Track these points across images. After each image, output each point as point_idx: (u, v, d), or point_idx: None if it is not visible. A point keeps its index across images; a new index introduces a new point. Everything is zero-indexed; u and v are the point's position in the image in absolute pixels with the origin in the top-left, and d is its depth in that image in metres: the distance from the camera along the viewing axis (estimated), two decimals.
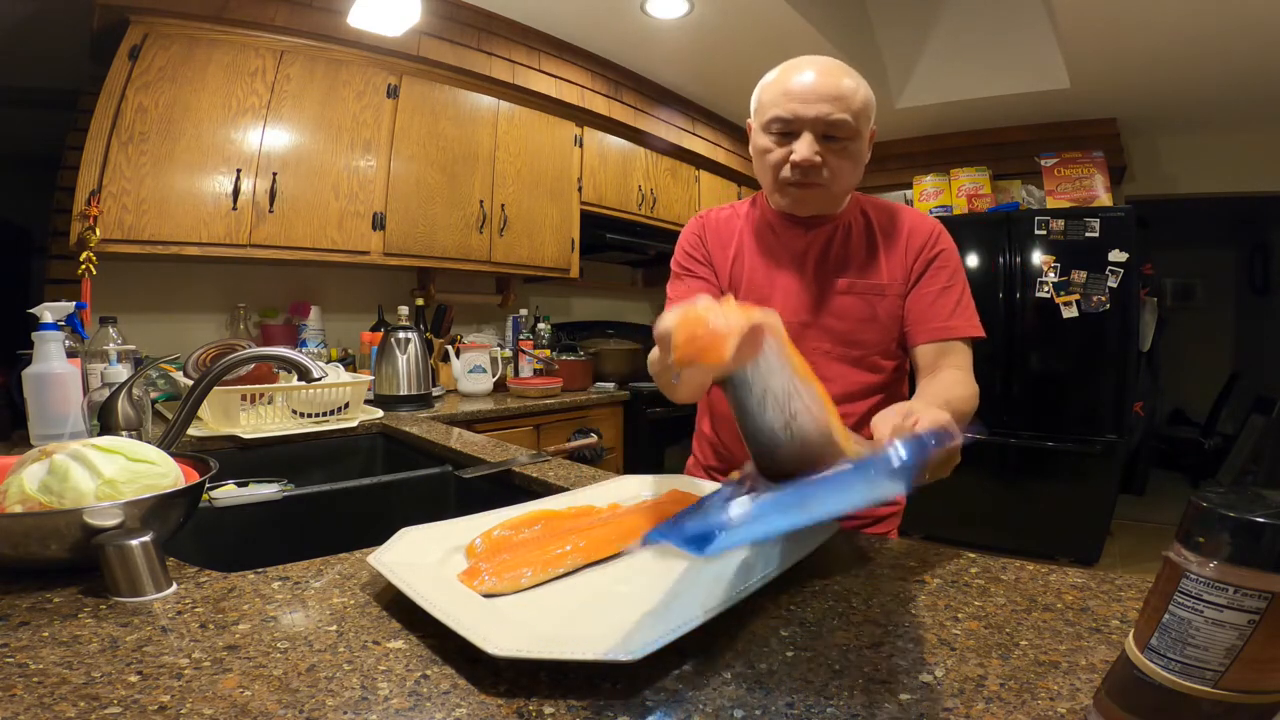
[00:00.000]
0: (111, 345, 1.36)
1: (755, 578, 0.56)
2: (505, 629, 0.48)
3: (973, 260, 3.22)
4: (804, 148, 0.93)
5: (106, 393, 1.07)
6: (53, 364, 1.07)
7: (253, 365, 1.37)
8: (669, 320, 0.56)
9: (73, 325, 1.34)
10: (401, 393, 1.97)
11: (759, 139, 1.00)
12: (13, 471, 0.64)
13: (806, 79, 0.93)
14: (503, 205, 2.55)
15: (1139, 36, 2.54)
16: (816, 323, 1.02)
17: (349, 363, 2.30)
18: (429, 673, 0.45)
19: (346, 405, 1.58)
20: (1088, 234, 3.02)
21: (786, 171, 0.96)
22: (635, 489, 0.88)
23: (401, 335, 1.99)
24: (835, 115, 0.91)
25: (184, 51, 1.82)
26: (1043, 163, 3.34)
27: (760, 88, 1.00)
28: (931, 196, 3.63)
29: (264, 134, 1.94)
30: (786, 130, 0.95)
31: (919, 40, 3.19)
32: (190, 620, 0.52)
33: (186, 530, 0.71)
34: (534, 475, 1.06)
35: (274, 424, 1.44)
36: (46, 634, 0.49)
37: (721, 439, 1.11)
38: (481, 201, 2.48)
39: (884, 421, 0.69)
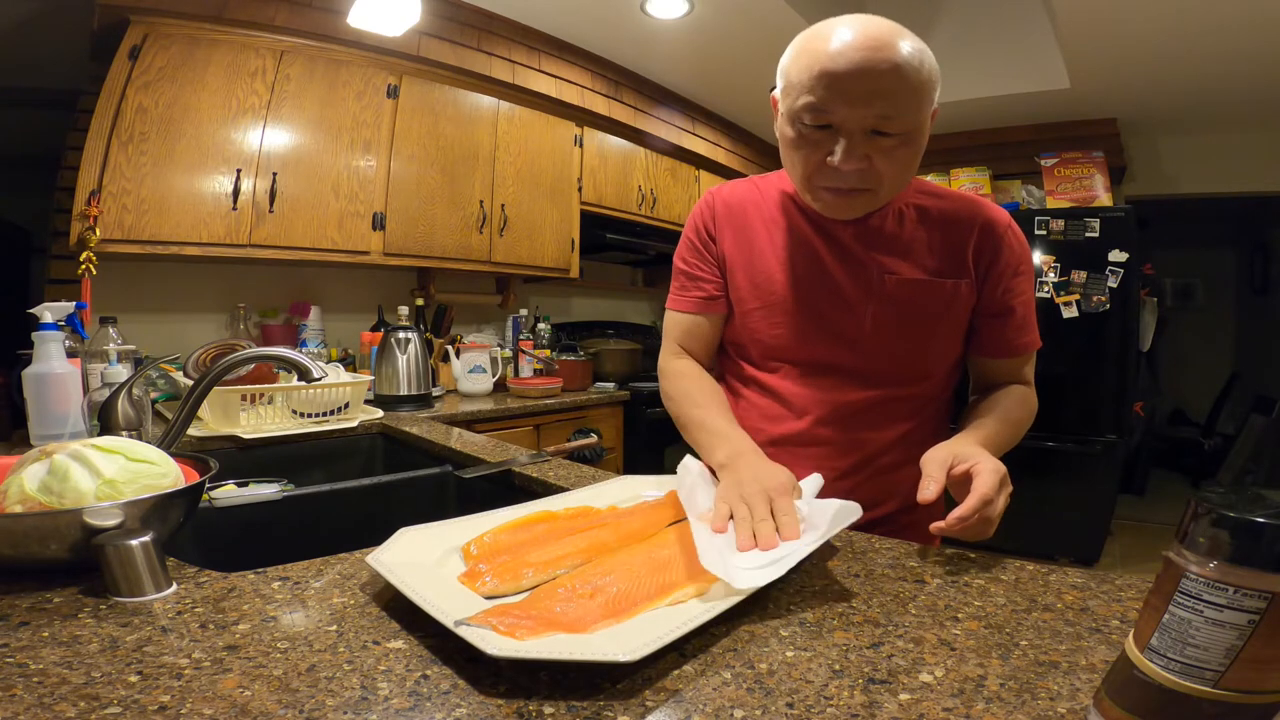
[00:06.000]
0: (111, 345, 1.36)
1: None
2: None
3: None
4: (850, 155, 0.72)
5: (106, 393, 1.06)
6: (53, 364, 1.07)
7: (253, 365, 1.37)
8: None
9: (73, 325, 1.33)
10: (401, 393, 1.97)
11: (786, 126, 0.77)
12: (13, 471, 0.64)
13: (853, 57, 0.68)
14: (503, 205, 2.55)
15: (1139, 36, 2.54)
16: (860, 336, 0.86)
17: (349, 363, 2.30)
18: (429, 673, 0.45)
19: (346, 405, 1.58)
20: (1088, 234, 3.02)
21: (824, 178, 0.76)
22: (635, 489, 0.88)
23: (401, 335, 1.99)
24: (892, 112, 0.70)
25: (184, 51, 1.82)
26: (1043, 163, 3.34)
27: (790, 56, 0.75)
28: None
29: (264, 134, 1.94)
30: (823, 124, 0.73)
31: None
32: (190, 620, 0.52)
33: (186, 530, 0.72)
34: (534, 475, 1.06)
35: (274, 424, 1.44)
36: (46, 634, 0.49)
37: None
38: (481, 201, 2.48)
39: (934, 463, 0.69)
